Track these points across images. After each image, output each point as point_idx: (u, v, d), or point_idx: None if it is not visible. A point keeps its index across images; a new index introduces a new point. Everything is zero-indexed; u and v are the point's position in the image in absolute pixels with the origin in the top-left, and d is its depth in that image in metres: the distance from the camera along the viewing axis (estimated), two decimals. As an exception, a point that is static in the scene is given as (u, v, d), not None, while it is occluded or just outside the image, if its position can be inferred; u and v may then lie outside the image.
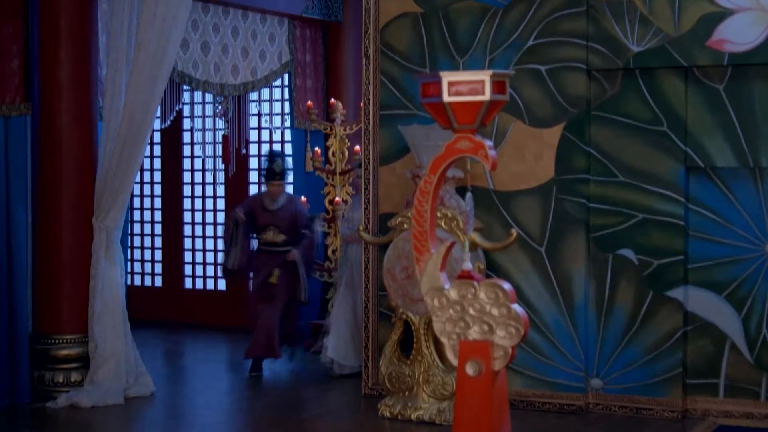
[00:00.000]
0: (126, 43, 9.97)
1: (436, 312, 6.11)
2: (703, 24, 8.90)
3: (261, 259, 11.48)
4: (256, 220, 11.42)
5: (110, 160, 9.96)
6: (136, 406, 9.88)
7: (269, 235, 11.39)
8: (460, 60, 9.67)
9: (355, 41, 13.25)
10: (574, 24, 9.31)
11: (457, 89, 5.91)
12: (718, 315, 9.17)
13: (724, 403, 9.17)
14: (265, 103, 14.24)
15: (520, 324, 5.98)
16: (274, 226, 11.38)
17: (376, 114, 9.91)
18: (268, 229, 11.38)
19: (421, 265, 6.15)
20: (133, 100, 9.87)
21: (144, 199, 15.65)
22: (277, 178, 11.35)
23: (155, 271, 15.61)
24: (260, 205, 11.43)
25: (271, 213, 11.40)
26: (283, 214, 11.41)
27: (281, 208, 11.40)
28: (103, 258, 10.01)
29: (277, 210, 11.40)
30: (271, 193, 11.39)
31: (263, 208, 11.40)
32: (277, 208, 11.40)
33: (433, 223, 6.18)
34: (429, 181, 6.11)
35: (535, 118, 9.46)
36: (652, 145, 9.21)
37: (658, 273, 9.22)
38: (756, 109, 8.93)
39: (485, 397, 5.96)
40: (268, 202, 11.40)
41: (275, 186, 11.38)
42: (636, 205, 9.26)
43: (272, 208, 11.40)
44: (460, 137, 6.02)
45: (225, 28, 12.14)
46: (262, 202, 11.43)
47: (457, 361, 6.05)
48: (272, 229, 11.38)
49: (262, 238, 11.46)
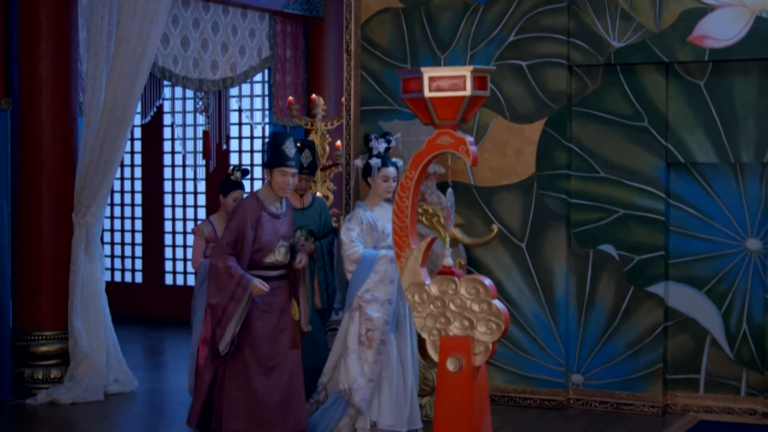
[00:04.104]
0: (106, 38, 9.95)
1: (416, 308, 6.10)
2: (684, 20, 8.91)
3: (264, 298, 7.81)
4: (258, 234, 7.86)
5: (90, 156, 9.93)
6: (116, 402, 9.86)
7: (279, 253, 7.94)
8: (441, 55, 9.66)
9: (336, 37, 13.23)
10: (555, 19, 9.31)
11: (438, 85, 5.89)
12: (698, 310, 9.19)
13: (704, 399, 9.19)
14: (245, 98, 14.22)
15: (500, 320, 5.98)
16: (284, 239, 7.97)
17: (357, 109, 9.89)
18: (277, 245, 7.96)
19: (401, 261, 6.14)
20: (113, 95, 9.84)
21: (124, 195, 15.61)
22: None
23: (136, 267, 15.58)
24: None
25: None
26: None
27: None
28: (83, 254, 9.98)
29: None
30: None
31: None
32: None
33: (413, 218, 6.17)
34: (409, 176, 6.10)
35: (516, 113, 9.46)
36: (633, 140, 9.21)
37: (639, 268, 9.24)
38: (736, 104, 8.95)
39: (466, 393, 5.95)
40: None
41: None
42: (617, 201, 9.27)
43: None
44: (441, 133, 6.01)
45: (205, 24, 12.11)
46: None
47: (437, 357, 6.05)
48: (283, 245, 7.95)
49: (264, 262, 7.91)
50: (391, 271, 8.07)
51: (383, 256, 8.08)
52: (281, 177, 7.69)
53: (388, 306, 8.11)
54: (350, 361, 8.06)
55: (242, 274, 7.54)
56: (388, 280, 8.10)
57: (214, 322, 7.63)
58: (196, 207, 15.08)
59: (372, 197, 8.34)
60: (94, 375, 9.91)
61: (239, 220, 7.63)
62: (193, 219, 15.07)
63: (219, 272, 7.56)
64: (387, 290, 8.11)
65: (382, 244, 8.17)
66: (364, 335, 8.09)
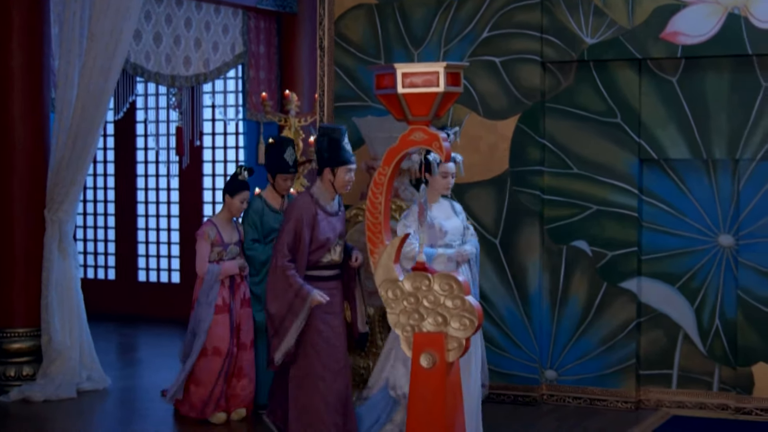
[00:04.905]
0: (78, 34, 9.91)
1: (390, 304, 6.10)
2: (657, 16, 8.94)
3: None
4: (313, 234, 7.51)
5: (62, 152, 9.89)
6: (89, 400, 9.82)
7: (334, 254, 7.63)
8: (415, 51, 9.65)
9: (309, 33, 13.21)
10: (529, 16, 9.32)
11: (412, 81, 5.89)
12: (671, 306, 9.23)
13: (676, 394, 9.22)
14: (219, 94, 14.18)
15: (474, 316, 5.98)
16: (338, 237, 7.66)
17: (330, 106, 9.88)
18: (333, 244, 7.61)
19: (375, 257, 6.14)
20: (85, 91, 9.81)
21: (97, 191, 15.54)
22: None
23: (108, 264, 15.52)
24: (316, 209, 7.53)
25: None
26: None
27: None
28: (56, 251, 9.94)
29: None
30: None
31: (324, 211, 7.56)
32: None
33: (387, 215, 6.17)
34: (383, 172, 6.09)
35: (490, 109, 9.47)
36: (606, 136, 9.24)
37: (612, 264, 9.26)
38: (709, 100, 8.98)
39: (439, 389, 5.95)
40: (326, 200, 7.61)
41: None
42: (590, 197, 9.29)
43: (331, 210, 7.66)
44: (414, 129, 6.01)
45: (178, 19, 12.07)
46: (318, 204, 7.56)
47: (411, 353, 6.04)
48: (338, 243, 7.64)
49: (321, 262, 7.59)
50: (448, 271, 7.56)
51: (440, 254, 7.66)
52: (347, 174, 7.42)
53: None
54: (398, 372, 7.66)
55: (301, 285, 7.27)
56: None
57: (271, 330, 7.40)
58: (170, 203, 15.03)
59: (430, 193, 7.82)
60: (67, 372, 9.87)
61: (296, 220, 7.32)
62: (166, 215, 15.03)
63: (277, 279, 7.32)
64: None
65: (439, 242, 7.72)
66: None
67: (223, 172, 14.67)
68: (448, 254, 7.73)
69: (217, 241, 8.98)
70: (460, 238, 7.88)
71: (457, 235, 7.85)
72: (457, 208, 8.02)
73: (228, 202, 9.10)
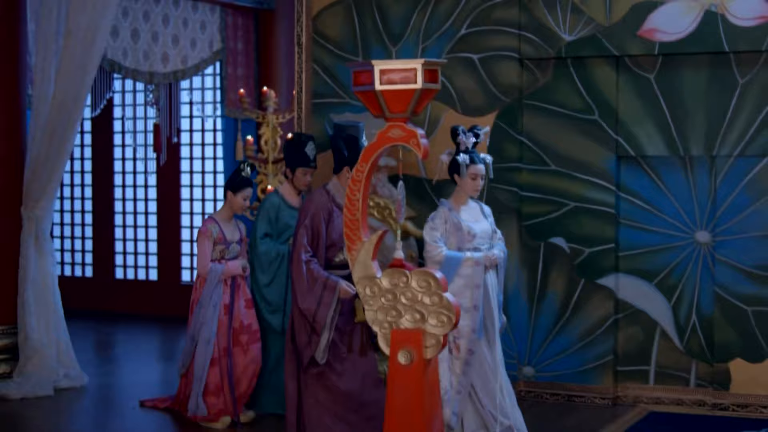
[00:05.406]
0: (55, 30, 9.87)
1: (368, 301, 6.09)
2: (635, 13, 8.96)
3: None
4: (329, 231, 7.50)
5: (39, 149, 9.85)
6: (66, 397, 9.79)
7: None
8: (393, 48, 9.65)
9: (287, 29, 13.18)
10: (507, 13, 9.32)
11: (389, 77, 5.88)
12: (648, 302, 9.25)
13: (654, 390, 9.25)
14: (196, 91, 14.16)
15: (451, 312, 5.98)
16: None
17: (308, 102, 9.87)
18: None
19: (353, 254, 6.13)
20: (62, 88, 9.77)
21: (74, 188, 15.50)
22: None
23: (85, 261, 15.48)
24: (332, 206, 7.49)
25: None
26: None
27: None
28: (33, 248, 9.90)
29: None
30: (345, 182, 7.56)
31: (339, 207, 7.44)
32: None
33: (364, 211, 6.16)
34: (360, 169, 6.08)
35: (468, 106, 9.47)
36: (584, 133, 9.25)
37: (590, 261, 9.28)
38: (686, 98, 9.01)
39: (417, 386, 5.95)
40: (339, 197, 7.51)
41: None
42: (567, 194, 9.31)
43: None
44: (392, 126, 6.00)
45: (156, 16, 12.04)
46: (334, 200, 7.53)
47: (389, 350, 6.04)
48: None
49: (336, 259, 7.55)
50: (477, 275, 7.58)
51: (468, 258, 7.56)
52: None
53: (474, 312, 7.55)
54: (440, 370, 7.29)
55: (327, 276, 7.21)
56: (474, 284, 7.58)
57: (308, 329, 7.25)
58: (147, 200, 15.00)
59: (458, 195, 7.80)
60: (44, 370, 9.84)
61: (312, 216, 7.25)
62: (144, 212, 14.99)
63: (301, 275, 7.22)
64: (473, 295, 7.57)
65: (467, 245, 7.61)
66: (452, 343, 7.54)
67: (200, 169, 14.65)
68: (475, 258, 7.61)
69: (219, 239, 8.78)
70: (488, 242, 7.76)
71: (485, 239, 7.74)
72: (486, 211, 7.93)
73: (230, 199, 8.88)
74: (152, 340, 13.19)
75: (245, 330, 8.82)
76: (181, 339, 12.89)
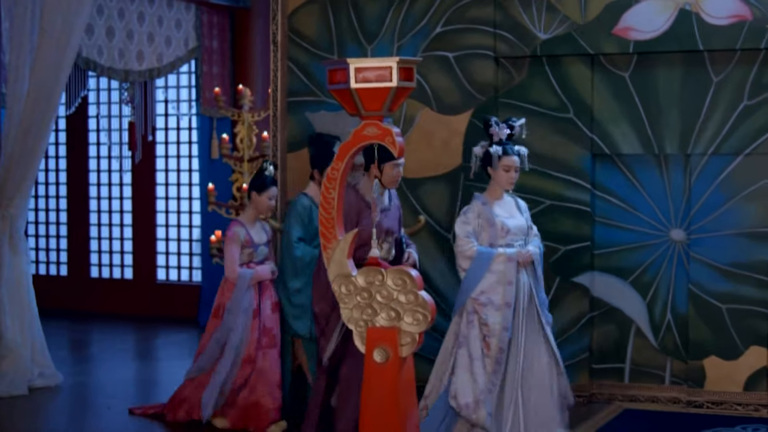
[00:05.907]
0: (29, 28, 9.82)
1: (343, 299, 6.09)
2: (609, 12, 8.98)
3: None
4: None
5: (14, 147, 9.82)
6: (41, 397, 9.76)
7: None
8: (368, 47, 9.65)
9: (262, 27, 13.16)
10: (482, 11, 9.33)
11: (364, 76, 5.88)
12: (623, 300, 9.28)
13: (629, 388, 9.28)
14: (172, 89, 14.13)
15: (427, 310, 5.99)
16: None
17: (284, 101, 9.85)
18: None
19: (328, 252, 6.13)
20: (37, 86, 9.74)
21: (49, 187, 15.45)
22: None
23: (60, 260, 15.43)
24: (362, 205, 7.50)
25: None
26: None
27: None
28: (7, 247, 9.87)
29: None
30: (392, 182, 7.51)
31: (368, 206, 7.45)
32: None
33: (340, 209, 6.16)
34: (336, 167, 6.09)
35: (443, 105, 9.48)
36: (559, 132, 9.27)
37: (565, 259, 9.29)
38: (660, 96, 9.03)
39: (393, 384, 5.95)
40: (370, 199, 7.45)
41: None
42: (543, 192, 9.32)
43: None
44: (367, 124, 6.00)
45: (131, 14, 12.01)
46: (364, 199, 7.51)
47: (364, 348, 6.04)
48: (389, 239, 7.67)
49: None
50: (509, 272, 7.46)
51: (500, 254, 7.44)
52: (394, 169, 7.26)
53: (506, 310, 7.43)
54: (476, 369, 7.39)
55: None
56: (506, 281, 7.45)
57: (318, 331, 7.30)
58: (122, 199, 14.96)
59: (492, 189, 7.68)
60: (19, 369, 9.80)
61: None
62: (119, 211, 14.96)
63: (321, 277, 7.15)
64: (505, 292, 7.45)
65: (500, 241, 7.50)
66: (483, 341, 7.43)
67: (176, 167, 14.62)
68: (508, 254, 7.51)
69: (247, 243, 8.58)
70: (523, 238, 7.66)
71: (520, 235, 7.63)
72: (521, 206, 7.83)
73: (255, 200, 8.64)
74: (127, 339, 13.16)
75: (266, 333, 8.63)
76: (157, 338, 12.90)
